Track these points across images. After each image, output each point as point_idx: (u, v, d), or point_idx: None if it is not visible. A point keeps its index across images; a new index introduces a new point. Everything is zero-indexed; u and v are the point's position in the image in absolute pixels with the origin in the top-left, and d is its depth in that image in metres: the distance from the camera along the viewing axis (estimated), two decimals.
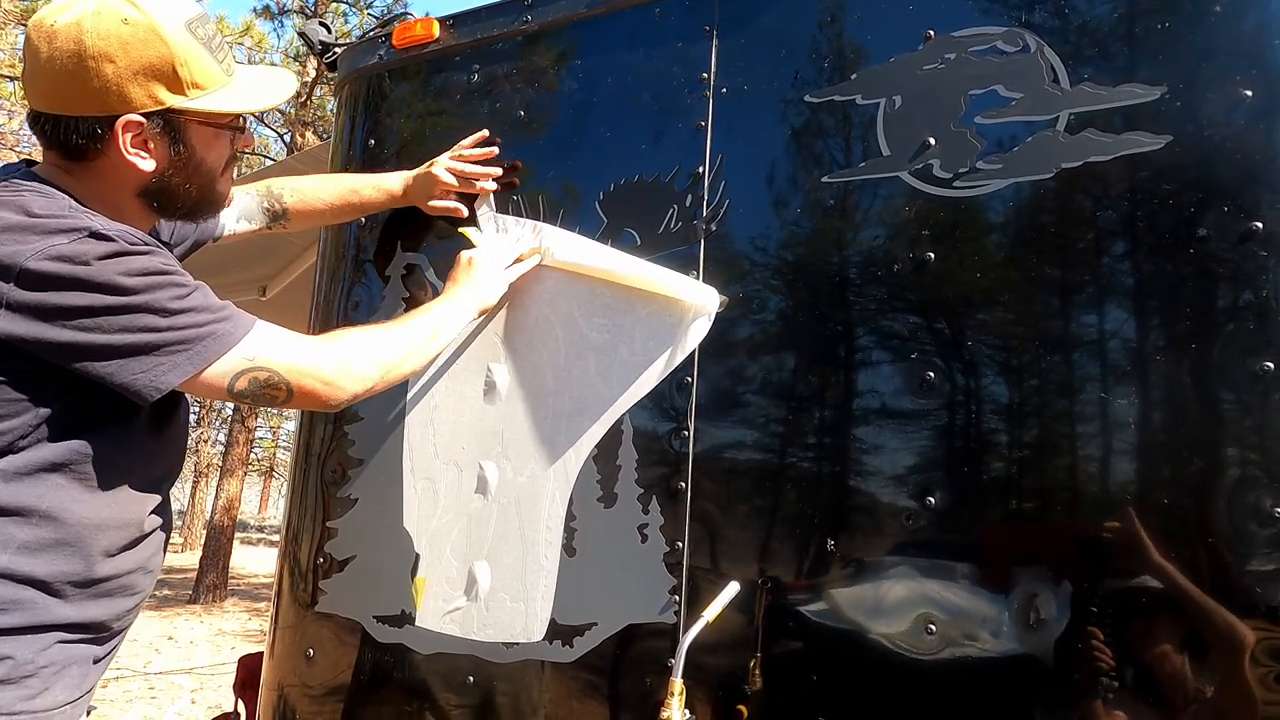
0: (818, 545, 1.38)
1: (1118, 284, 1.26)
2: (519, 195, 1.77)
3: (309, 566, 1.88)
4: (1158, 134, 1.24)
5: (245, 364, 1.25)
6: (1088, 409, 1.24)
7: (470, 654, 1.63)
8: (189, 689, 7.12)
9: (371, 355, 1.42)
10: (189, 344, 1.20)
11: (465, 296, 1.61)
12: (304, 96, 13.87)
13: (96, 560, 1.21)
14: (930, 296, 1.37)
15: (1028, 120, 1.33)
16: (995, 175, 1.34)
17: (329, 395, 1.35)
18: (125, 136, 1.22)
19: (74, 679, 1.20)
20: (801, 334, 1.46)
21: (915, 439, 1.35)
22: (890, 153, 1.43)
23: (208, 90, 1.26)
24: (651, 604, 1.48)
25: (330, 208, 1.85)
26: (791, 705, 1.35)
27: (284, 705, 1.88)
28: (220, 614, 10.94)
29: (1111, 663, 1.17)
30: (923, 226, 1.38)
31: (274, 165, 3.43)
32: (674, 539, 1.49)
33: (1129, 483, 1.21)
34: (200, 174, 1.31)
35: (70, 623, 1.19)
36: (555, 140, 1.76)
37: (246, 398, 1.28)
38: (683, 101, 1.63)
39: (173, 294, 1.20)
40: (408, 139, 1.96)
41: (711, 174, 1.57)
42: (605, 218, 1.67)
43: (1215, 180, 1.21)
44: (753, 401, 1.48)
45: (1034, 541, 1.26)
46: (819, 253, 1.47)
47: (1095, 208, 1.27)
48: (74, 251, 1.14)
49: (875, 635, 1.31)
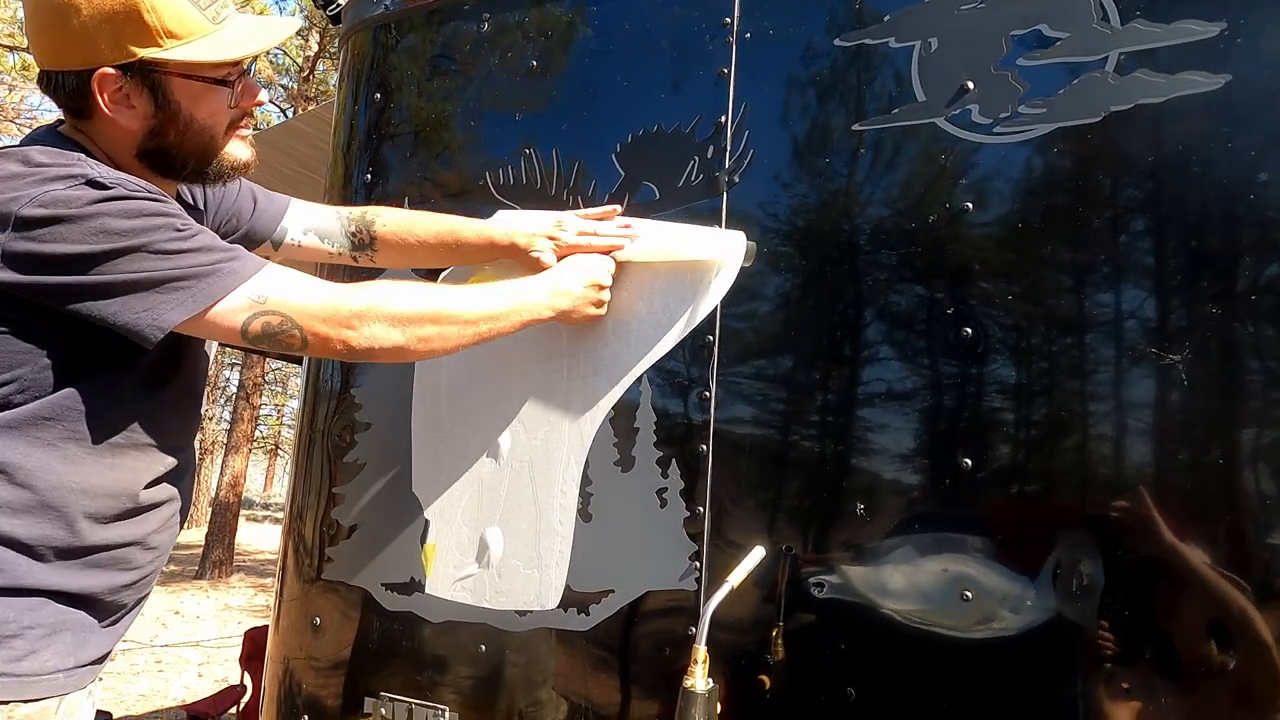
0: (847, 509, 1.32)
1: (1170, 235, 1.19)
2: (532, 149, 1.69)
3: (315, 535, 1.83)
4: (1215, 74, 1.16)
5: (255, 305, 1.18)
6: (1135, 368, 1.17)
7: (482, 622, 1.57)
8: (196, 662, 7.14)
9: (401, 312, 1.25)
10: (192, 280, 1.13)
11: (546, 295, 1.40)
12: (307, 71, 13.75)
13: (82, 526, 1.15)
14: (967, 249, 1.30)
15: (1074, 61, 1.25)
16: (1038, 120, 1.27)
17: (344, 344, 1.23)
18: (103, 92, 1.17)
19: (66, 646, 1.15)
20: (830, 289, 1.39)
21: (951, 398, 1.29)
22: (926, 98, 1.35)
23: (184, 40, 1.18)
24: (671, 571, 1.43)
25: (423, 245, 1.60)
26: (817, 676, 1.30)
27: (289, 677, 1.83)
28: (226, 589, 10.97)
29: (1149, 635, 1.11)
30: (960, 175, 1.31)
31: (276, 127, 3.36)
32: (694, 504, 1.43)
33: (1191, 441, 1.14)
34: (194, 131, 1.24)
35: (56, 590, 1.14)
36: (570, 91, 1.69)
37: (262, 342, 1.20)
38: (704, 48, 1.55)
39: (171, 234, 1.14)
40: (415, 93, 1.89)
41: (735, 123, 1.50)
42: (623, 171, 1.59)
43: (1278, 122, 1.13)
44: (778, 360, 1.42)
45: (1078, 506, 1.20)
46: (849, 204, 1.39)
47: (1147, 154, 1.20)
48: (68, 197, 1.10)
49: (908, 603, 1.25)
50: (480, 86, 1.78)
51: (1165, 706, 1.10)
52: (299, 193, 1.74)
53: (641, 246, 1.51)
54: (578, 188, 1.63)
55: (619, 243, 1.50)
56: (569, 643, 1.50)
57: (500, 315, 1.35)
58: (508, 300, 1.37)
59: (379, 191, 1.88)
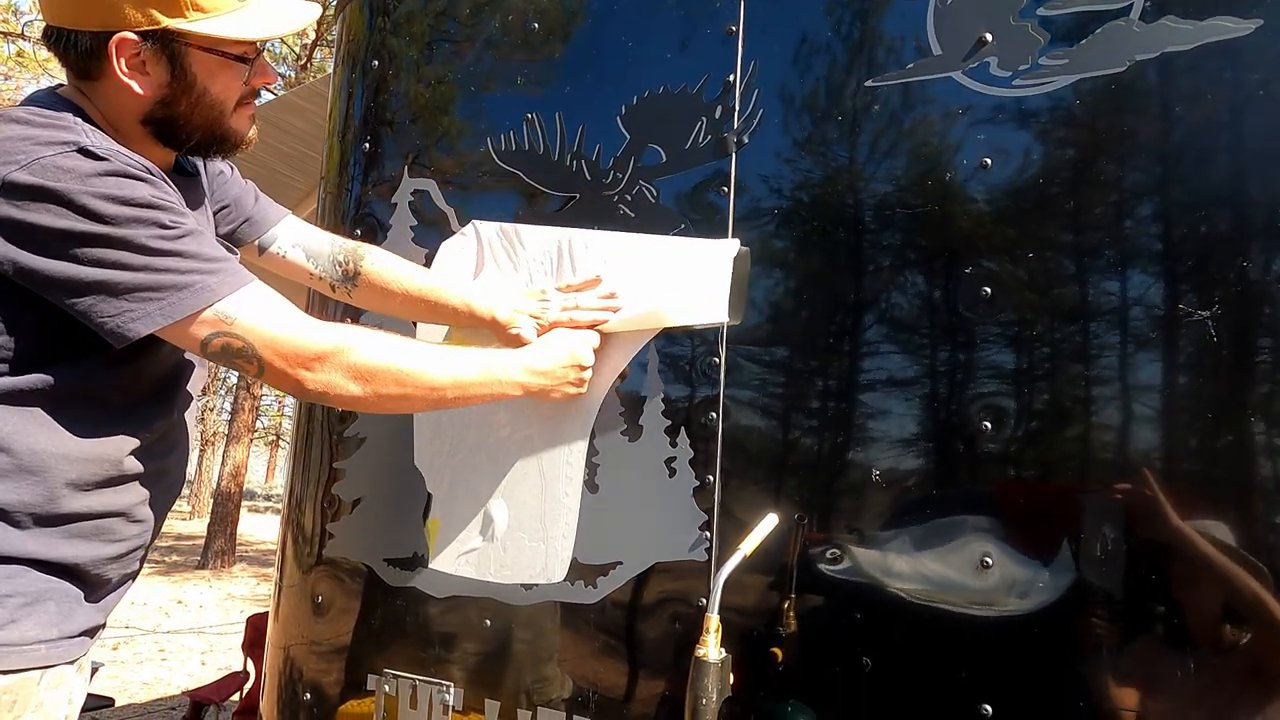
0: (861, 475, 1.28)
1: (1201, 188, 1.14)
2: (534, 113, 1.65)
3: (315, 513, 1.80)
4: (1246, 18, 1.12)
5: (222, 324, 1.14)
6: (1156, 325, 1.13)
7: (487, 596, 1.54)
8: (199, 650, 7.14)
9: (366, 365, 1.22)
10: (163, 292, 1.10)
11: (521, 374, 1.37)
12: (304, 60, 13.65)
13: (61, 493, 1.11)
14: (988, 207, 1.26)
15: (1097, 9, 1.21)
16: (1060, 72, 1.22)
17: (298, 383, 1.20)
18: (120, 56, 1.15)
19: (49, 616, 1.11)
20: (843, 251, 1.35)
21: (969, 360, 1.25)
22: (942, 52, 1.31)
23: (211, 14, 1.17)
24: (680, 542, 1.39)
25: (404, 296, 1.55)
26: (831, 647, 1.26)
27: (290, 663, 1.80)
28: (229, 578, 10.98)
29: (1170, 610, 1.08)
30: (979, 131, 1.26)
31: (273, 102, 3.30)
32: (704, 473, 1.39)
33: (1222, 404, 1.10)
34: (205, 104, 1.22)
35: (36, 558, 1.10)
36: (573, 52, 1.64)
37: (219, 359, 1.17)
38: (711, 5, 1.50)
39: (155, 231, 1.10)
40: (414, 59, 1.84)
41: (743, 82, 1.45)
42: (628, 133, 1.55)
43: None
44: (789, 325, 1.38)
45: (1101, 471, 1.16)
46: (863, 163, 1.35)
47: (1175, 103, 1.16)
48: (57, 165, 1.07)
49: (925, 572, 1.22)
50: (481, 52, 1.74)
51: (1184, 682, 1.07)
52: (300, 173, 1.70)
53: (625, 316, 1.46)
54: (582, 152, 1.59)
55: (602, 316, 1.46)
56: (576, 616, 1.47)
57: (469, 386, 1.32)
58: (480, 372, 1.34)
59: (379, 165, 1.84)
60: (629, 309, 1.47)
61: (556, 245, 1.56)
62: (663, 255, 1.46)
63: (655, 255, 1.47)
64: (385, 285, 1.56)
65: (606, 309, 1.48)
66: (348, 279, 1.57)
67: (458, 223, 1.70)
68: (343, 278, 1.57)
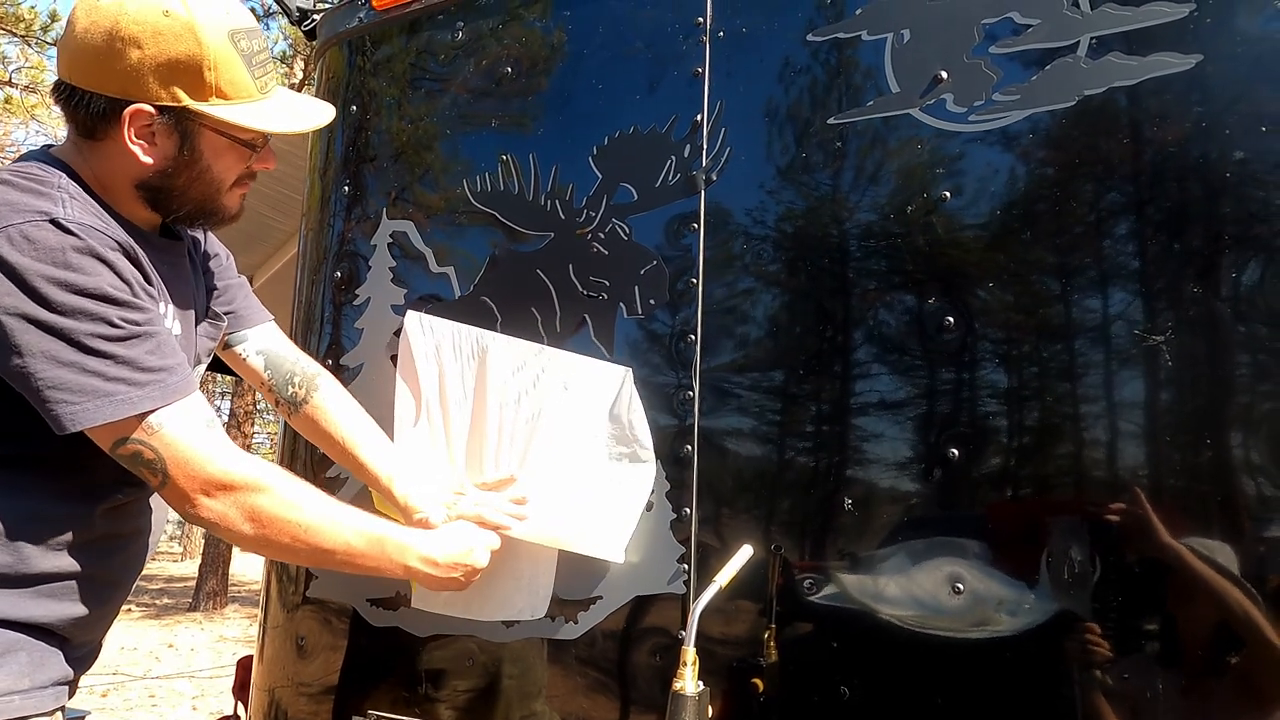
0: (833, 506, 1.30)
1: (1149, 215, 1.18)
2: (509, 155, 1.68)
3: None
4: (1187, 54, 1.16)
5: (142, 434, 1.12)
6: (1117, 353, 1.16)
7: (470, 634, 1.55)
8: (190, 695, 7.03)
9: (265, 512, 1.19)
10: (83, 396, 1.08)
11: (412, 560, 1.33)
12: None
13: (29, 553, 1.12)
14: (947, 238, 1.29)
15: (1046, 47, 1.25)
16: (1013, 107, 1.26)
17: (192, 506, 1.16)
18: (132, 126, 1.17)
19: (20, 666, 1.11)
20: (810, 285, 1.38)
21: (934, 391, 1.27)
22: (900, 89, 1.35)
23: (232, 101, 1.19)
24: (659, 575, 1.40)
25: (333, 444, 1.56)
26: (810, 677, 1.27)
27: (275, 706, 1.79)
28: (221, 620, 10.84)
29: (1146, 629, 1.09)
30: (936, 165, 1.30)
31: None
32: (680, 505, 1.41)
33: (1171, 430, 1.13)
34: (204, 181, 1.24)
35: (4, 618, 1.10)
36: (545, 96, 1.68)
37: (123, 461, 1.15)
38: (678, 48, 1.54)
39: (98, 329, 1.09)
40: (390, 103, 1.88)
41: (710, 122, 1.49)
42: (600, 173, 1.58)
43: (1251, 100, 1.13)
44: (760, 359, 1.40)
45: (1069, 504, 1.18)
46: (827, 198, 1.39)
47: (1122, 135, 1.20)
48: (25, 234, 1.08)
49: (899, 600, 1.23)
50: (456, 95, 1.78)
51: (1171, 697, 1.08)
52: (283, 214, 1.71)
53: (528, 530, 1.46)
54: (556, 192, 1.62)
55: (507, 523, 1.46)
56: (559, 651, 1.47)
57: (358, 557, 1.29)
58: (372, 546, 1.30)
59: (359, 206, 1.87)
60: (534, 523, 1.47)
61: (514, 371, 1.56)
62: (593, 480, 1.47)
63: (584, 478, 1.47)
64: (324, 426, 1.56)
65: (513, 516, 1.47)
66: (294, 402, 1.56)
67: (435, 263, 1.72)
68: (289, 399, 1.56)
